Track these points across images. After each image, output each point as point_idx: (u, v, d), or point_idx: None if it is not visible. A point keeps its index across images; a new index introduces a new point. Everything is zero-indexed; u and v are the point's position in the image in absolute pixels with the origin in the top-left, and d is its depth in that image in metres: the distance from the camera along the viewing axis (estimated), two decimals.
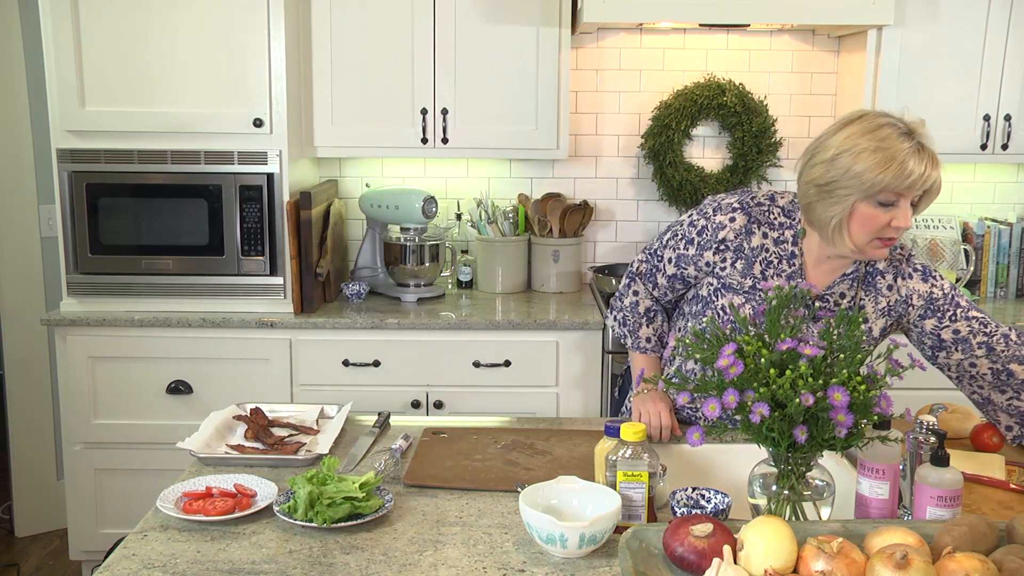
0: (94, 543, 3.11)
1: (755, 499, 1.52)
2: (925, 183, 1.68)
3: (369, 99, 3.20)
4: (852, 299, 1.86)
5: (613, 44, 3.52)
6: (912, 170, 1.66)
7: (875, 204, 1.70)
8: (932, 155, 1.69)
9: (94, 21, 2.91)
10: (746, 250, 1.85)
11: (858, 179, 1.68)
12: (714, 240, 1.87)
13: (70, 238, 3.01)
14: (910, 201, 1.71)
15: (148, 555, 1.46)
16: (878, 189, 1.68)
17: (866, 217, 1.71)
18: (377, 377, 3.04)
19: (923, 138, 1.70)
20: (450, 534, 1.54)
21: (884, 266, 1.88)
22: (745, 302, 1.86)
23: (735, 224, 1.85)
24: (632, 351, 2.11)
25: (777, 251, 1.86)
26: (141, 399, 3.04)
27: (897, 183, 1.66)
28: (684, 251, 1.93)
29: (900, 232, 1.72)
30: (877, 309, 1.88)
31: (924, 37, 3.18)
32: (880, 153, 1.67)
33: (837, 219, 1.74)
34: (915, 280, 1.89)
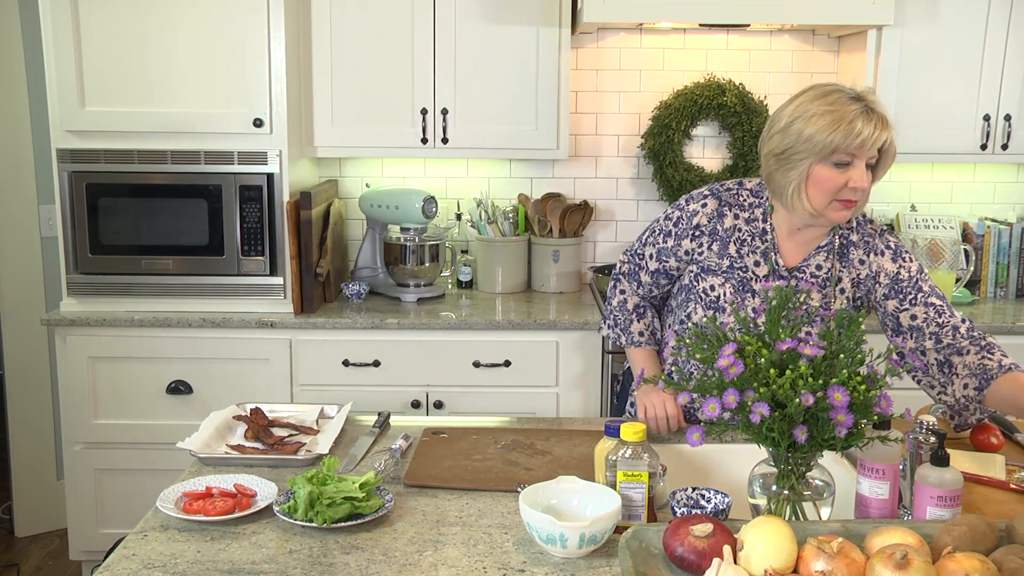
0: (94, 543, 3.11)
1: (755, 499, 1.52)
2: (876, 142, 1.77)
3: (369, 99, 3.20)
4: (828, 271, 1.93)
5: (613, 44, 3.52)
6: (861, 129, 1.75)
7: (830, 166, 1.79)
8: (882, 117, 1.78)
9: (94, 21, 2.91)
10: (720, 232, 1.94)
11: (810, 142, 1.78)
12: (689, 227, 1.96)
13: (70, 238, 3.01)
14: (865, 163, 1.79)
15: (148, 555, 1.46)
16: (830, 150, 1.77)
17: (822, 179, 1.80)
18: (377, 377, 3.04)
19: (873, 104, 1.79)
20: (450, 534, 1.54)
21: (856, 239, 1.95)
22: (724, 282, 1.94)
23: (707, 209, 1.95)
24: (628, 348, 2.14)
25: (749, 229, 1.94)
26: (141, 399, 3.04)
27: (848, 142, 1.75)
28: (663, 244, 2.01)
29: (858, 193, 1.80)
30: (851, 279, 1.95)
31: (924, 37, 3.18)
32: (829, 115, 1.76)
33: (795, 184, 1.83)
34: (885, 258, 1.95)
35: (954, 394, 1.89)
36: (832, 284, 1.94)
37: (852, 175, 1.79)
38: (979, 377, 1.86)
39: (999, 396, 1.83)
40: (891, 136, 1.80)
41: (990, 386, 1.84)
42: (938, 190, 3.60)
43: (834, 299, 1.94)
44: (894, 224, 3.53)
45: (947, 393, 1.91)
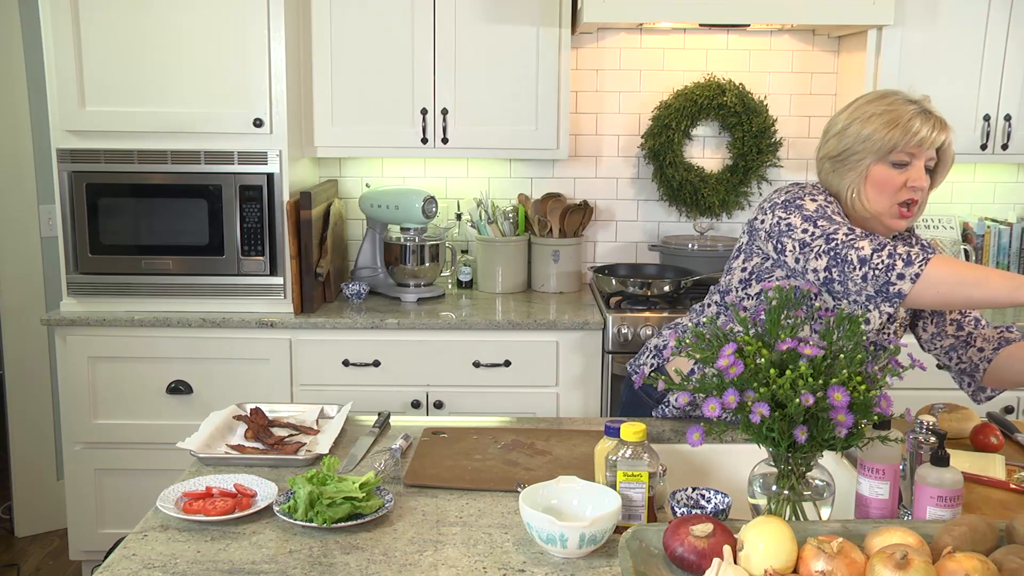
0: (94, 543, 3.11)
1: (755, 499, 1.52)
2: (935, 142, 1.80)
3: (369, 99, 3.20)
4: None
5: (613, 44, 3.52)
6: (919, 128, 1.77)
7: (889, 165, 1.80)
8: (940, 119, 1.83)
9: (94, 21, 2.91)
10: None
11: (869, 141, 1.79)
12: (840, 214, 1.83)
13: (70, 238, 3.01)
14: (924, 164, 1.81)
15: (148, 555, 1.46)
16: (888, 148, 1.78)
17: (881, 180, 1.80)
18: (377, 377, 3.04)
19: (930, 107, 1.83)
20: (450, 534, 1.54)
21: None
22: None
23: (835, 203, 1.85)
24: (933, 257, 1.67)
25: None
26: (141, 399, 3.04)
27: (906, 140, 1.77)
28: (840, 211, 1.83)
29: (917, 193, 1.81)
30: None
31: (924, 37, 3.18)
32: (888, 115, 1.79)
33: (854, 185, 1.83)
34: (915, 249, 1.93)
35: (971, 359, 1.95)
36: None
37: (911, 174, 1.80)
38: (996, 340, 1.92)
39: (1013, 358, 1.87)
40: (949, 138, 1.83)
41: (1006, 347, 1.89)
42: (938, 190, 3.59)
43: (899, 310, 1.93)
44: None
45: (963, 360, 1.96)
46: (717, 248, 3.41)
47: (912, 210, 1.84)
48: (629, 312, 3.05)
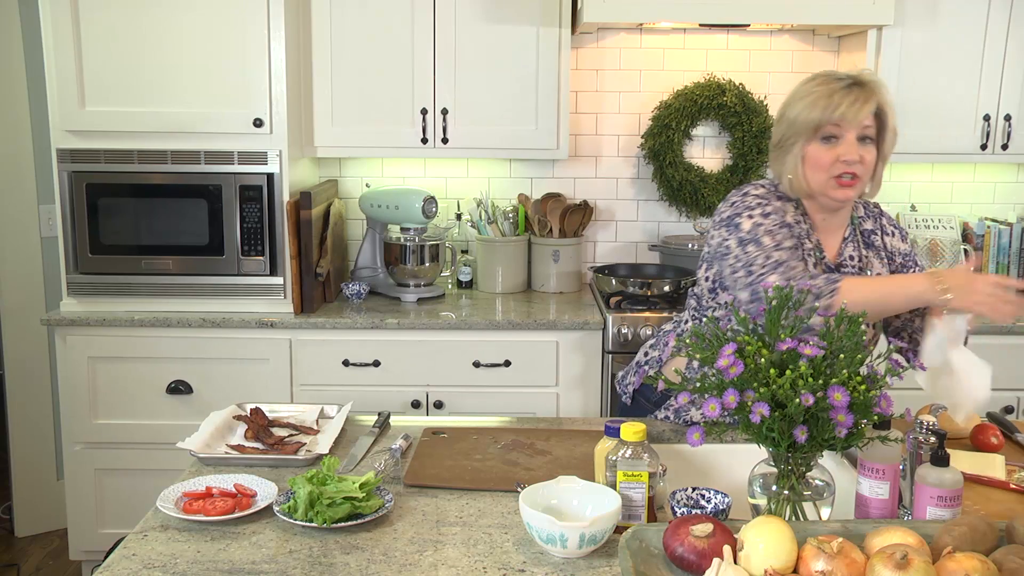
0: (94, 543, 3.11)
1: (755, 499, 1.52)
2: (857, 114, 1.83)
3: (369, 99, 3.20)
4: (861, 258, 1.98)
5: (613, 44, 3.52)
6: (839, 103, 1.82)
7: (820, 143, 1.87)
8: (867, 92, 1.85)
9: (94, 21, 2.91)
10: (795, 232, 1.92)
11: (796, 123, 1.88)
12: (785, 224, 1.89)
13: (70, 238, 3.01)
14: (856, 136, 1.85)
15: (148, 555, 1.46)
16: (813, 127, 1.85)
17: (814, 158, 1.87)
18: (377, 377, 3.04)
19: (863, 79, 1.87)
20: (450, 534, 1.54)
21: (871, 225, 2.04)
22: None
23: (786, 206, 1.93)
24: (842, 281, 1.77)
25: (800, 229, 1.94)
26: (141, 399, 3.04)
27: (827, 116, 1.83)
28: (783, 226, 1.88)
29: (853, 166, 1.85)
30: (882, 264, 2.02)
31: (924, 37, 3.18)
32: (810, 96, 1.86)
33: (794, 168, 1.90)
34: (896, 238, 2.05)
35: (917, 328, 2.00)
36: (867, 272, 1.98)
37: (840, 149, 1.85)
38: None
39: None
40: (882, 106, 1.87)
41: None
42: (938, 190, 3.60)
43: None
44: None
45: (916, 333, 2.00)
46: None
47: (854, 181, 1.87)
48: (629, 312, 3.05)
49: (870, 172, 1.90)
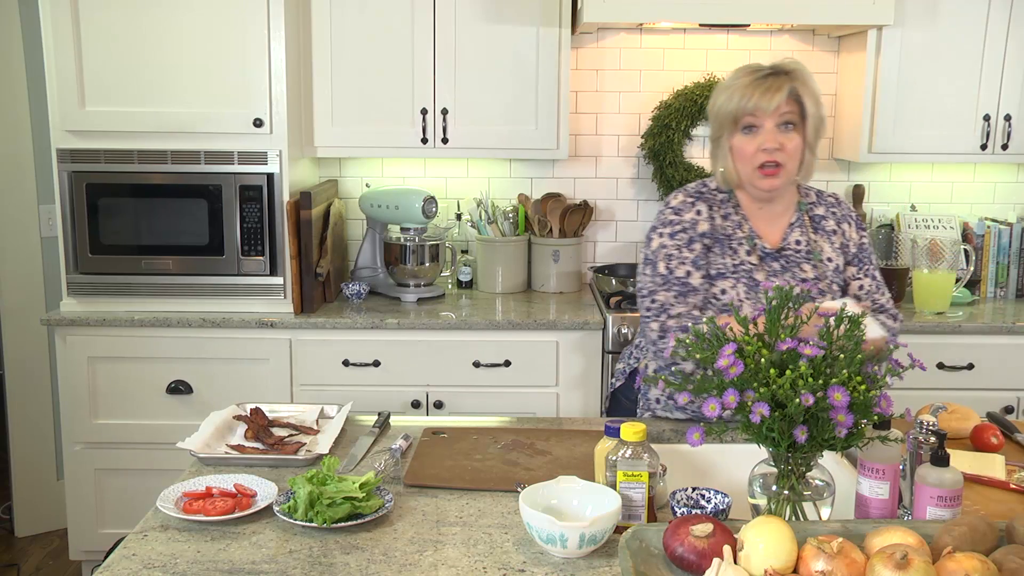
0: (94, 543, 3.11)
1: (755, 499, 1.52)
2: (770, 103, 1.88)
3: (369, 99, 3.20)
4: (808, 244, 2.01)
5: (613, 44, 3.52)
6: (750, 94, 1.89)
7: (742, 133, 1.94)
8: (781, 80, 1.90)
9: (94, 21, 2.91)
10: (717, 232, 2.02)
11: (717, 118, 1.97)
12: (697, 235, 2.00)
13: (70, 238, 3.01)
14: (776, 125, 1.91)
15: (148, 555, 1.46)
16: (731, 119, 1.93)
17: (738, 149, 1.94)
18: (377, 377, 3.04)
19: (782, 69, 1.92)
20: (450, 534, 1.54)
21: (823, 211, 2.07)
22: (735, 283, 1.97)
23: (702, 215, 2.02)
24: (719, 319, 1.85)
25: (730, 223, 2.03)
26: (141, 399, 3.04)
27: (740, 107, 1.90)
28: (691, 255, 1.99)
29: (773, 153, 1.91)
30: (834, 248, 2.05)
31: (924, 37, 3.18)
32: (727, 90, 1.95)
33: (724, 161, 1.98)
34: (852, 227, 2.08)
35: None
36: (816, 257, 2.02)
37: (759, 138, 1.92)
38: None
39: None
40: (798, 93, 1.91)
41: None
42: (938, 190, 3.60)
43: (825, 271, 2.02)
44: (894, 224, 3.53)
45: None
46: None
47: (778, 170, 1.92)
48: (629, 312, 3.05)
49: (795, 159, 1.95)
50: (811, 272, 2.00)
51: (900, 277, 3.28)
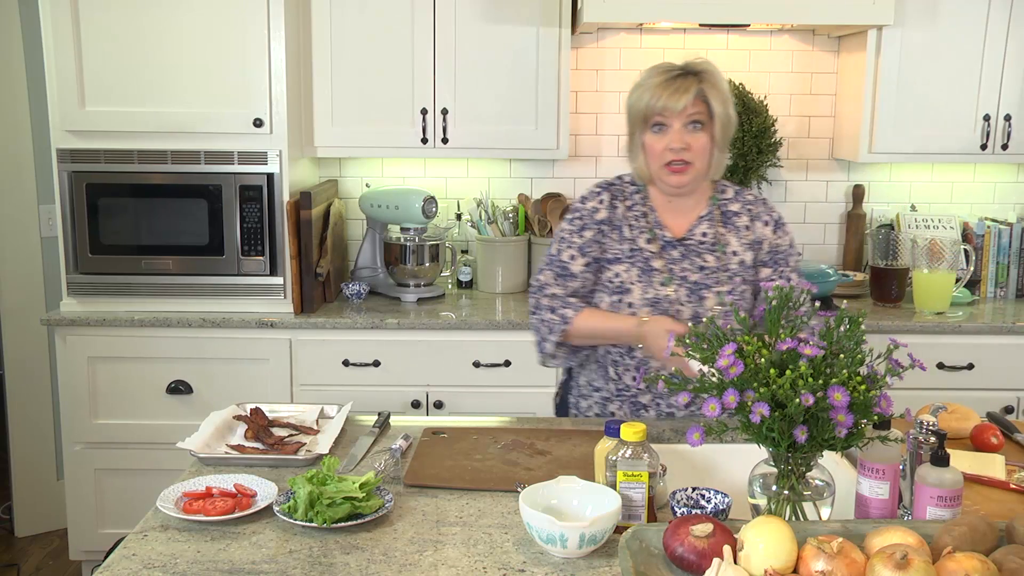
0: (94, 543, 3.11)
1: (755, 499, 1.52)
2: (677, 104, 1.94)
3: (369, 99, 3.20)
4: (715, 236, 2.07)
5: (613, 44, 3.52)
6: (660, 94, 1.95)
7: (652, 131, 2.00)
8: (694, 79, 1.95)
9: (94, 21, 2.91)
10: (616, 220, 2.09)
11: (630, 115, 2.03)
12: (594, 223, 2.09)
13: (70, 238, 3.01)
14: (683, 125, 1.96)
15: (148, 555, 1.46)
16: (641, 117, 1.99)
17: (648, 147, 2.01)
18: (377, 377, 3.04)
19: (693, 68, 1.98)
20: (450, 534, 1.54)
21: (738, 207, 2.11)
22: (629, 267, 2.05)
23: (603, 203, 2.10)
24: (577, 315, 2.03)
25: (634, 213, 2.09)
26: (141, 399, 3.04)
27: (649, 107, 1.96)
28: (581, 241, 2.09)
29: (680, 153, 1.96)
30: (742, 243, 2.08)
31: (924, 37, 3.18)
32: (638, 89, 2.01)
33: (638, 157, 2.04)
34: (768, 228, 2.10)
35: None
36: (720, 249, 2.06)
37: (667, 138, 1.97)
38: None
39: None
40: (705, 94, 1.95)
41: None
42: (938, 190, 3.60)
43: (728, 262, 2.06)
44: (894, 224, 3.53)
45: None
46: None
47: (685, 168, 1.99)
48: None
49: (704, 157, 2.00)
50: (713, 262, 2.05)
51: (900, 277, 3.28)
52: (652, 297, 2.01)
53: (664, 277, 2.03)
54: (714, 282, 2.03)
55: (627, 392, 2.11)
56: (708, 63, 2.01)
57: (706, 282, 2.03)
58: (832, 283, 3.20)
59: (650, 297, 2.01)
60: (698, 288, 2.03)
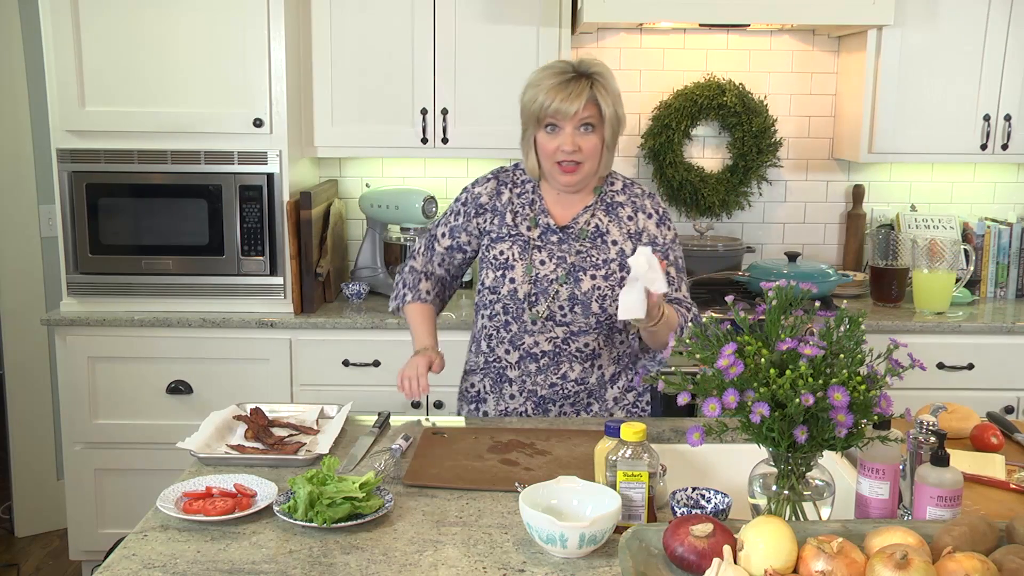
0: (94, 543, 3.11)
1: (755, 499, 1.52)
2: (569, 110, 1.98)
3: (369, 99, 3.20)
4: (598, 226, 2.12)
5: (613, 44, 3.52)
6: (552, 98, 1.99)
7: (544, 132, 2.04)
8: (586, 84, 2.00)
9: (94, 21, 2.91)
10: (499, 207, 2.16)
11: (524, 114, 2.08)
12: (476, 206, 2.18)
13: (70, 238, 3.01)
14: (574, 126, 2.01)
15: (148, 555, 1.46)
16: (535, 119, 2.04)
17: (541, 145, 2.06)
18: (377, 377, 3.04)
19: (586, 70, 2.02)
20: (450, 534, 1.54)
21: (624, 199, 2.15)
22: (511, 245, 2.12)
23: (488, 189, 2.18)
24: (411, 304, 2.25)
25: (521, 201, 2.16)
26: (141, 399, 3.04)
27: (542, 111, 2.00)
28: (455, 223, 2.21)
29: (569, 155, 2.01)
30: (623, 232, 2.12)
31: (924, 37, 3.18)
32: (532, 89, 2.04)
33: (528, 152, 2.10)
34: (651, 221, 2.14)
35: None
36: (595, 236, 2.11)
37: (559, 140, 2.02)
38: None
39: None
40: (597, 99, 2.00)
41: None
42: (938, 190, 3.60)
43: (607, 251, 2.10)
44: (894, 224, 3.53)
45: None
46: (717, 248, 3.41)
47: (576, 167, 2.04)
48: None
49: (594, 158, 2.06)
50: (589, 247, 2.11)
51: (900, 277, 3.28)
52: (533, 275, 2.09)
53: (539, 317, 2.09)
54: (590, 265, 2.09)
55: (498, 364, 2.17)
56: (600, 64, 2.06)
57: (583, 265, 2.08)
58: (832, 283, 3.20)
59: (531, 275, 2.09)
60: (575, 270, 2.09)
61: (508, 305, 2.12)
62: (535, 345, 2.12)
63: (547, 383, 2.14)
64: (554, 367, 2.13)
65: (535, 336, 2.11)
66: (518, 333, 2.12)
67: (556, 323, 2.10)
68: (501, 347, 2.16)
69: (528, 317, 2.10)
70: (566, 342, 2.11)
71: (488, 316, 2.17)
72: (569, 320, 2.09)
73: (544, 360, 2.12)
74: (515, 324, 2.12)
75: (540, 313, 2.09)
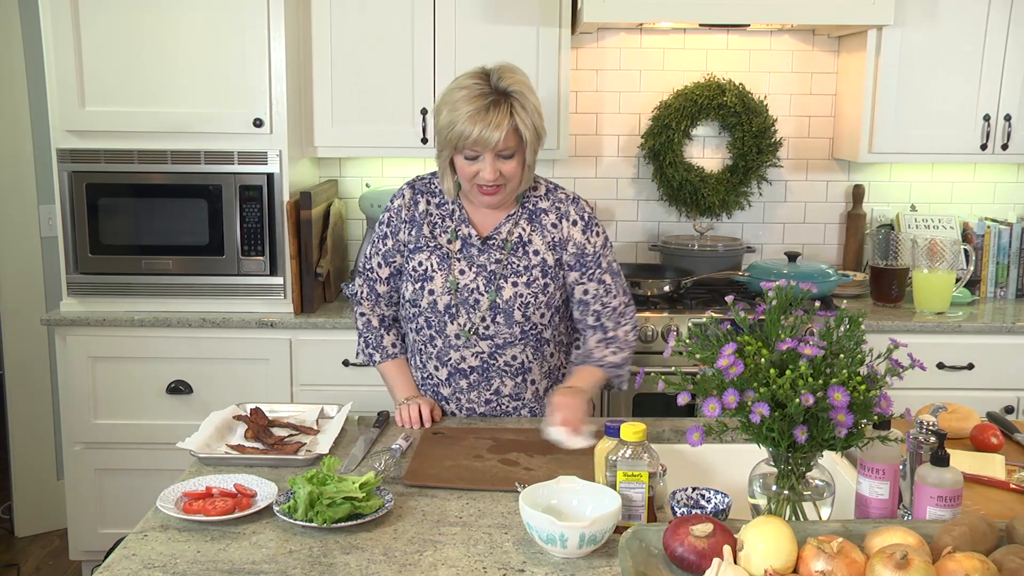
0: (94, 543, 3.11)
1: (755, 499, 1.52)
2: (490, 141, 1.90)
3: (369, 99, 3.20)
4: (519, 235, 2.08)
5: (613, 44, 3.52)
6: (471, 129, 1.90)
7: (463, 157, 1.97)
8: (506, 112, 1.92)
9: (94, 21, 2.91)
10: (416, 217, 2.10)
11: (440, 134, 1.97)
12: (399, 221, 2.12)
13: (70, 238, 3.01)
14: (495, 155, 1.94)
15: (148, 555, 1.46)
16: (451, 145, 1.95)
17: (460, 168, 2.00)
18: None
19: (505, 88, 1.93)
20: (450, 534, 1.54)
21: (547, 205, 2.11)
22: (430, 255, 2.08)
23: (405, 199, 2.12)
24: (382, 364, 2.23)
25: (440, 212, 2.11)
26: (141, 399, 3.04)
27: (461, 142, 1.92)
28: (386, 247, 2.14)
29: (488, 182, 1.96)
30: (545, 242, 2.09)
31: (924, 37, 3.18)
32: (451, 113, 1.93)
33: (444, 171, 2.04)
34: (576, 228, 2.10)
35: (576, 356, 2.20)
36: (517, 247, 2.08)
37: (478, 168, 1.96)
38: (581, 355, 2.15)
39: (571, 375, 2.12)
40: (518, 127, 1.92)
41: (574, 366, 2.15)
42: (938, 190, 3.60)
43: (529, 261, 2.07)
44: (894, 224, 3.53)
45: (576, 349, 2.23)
46: (717, 248, 3.41)
47: (497, 189, 2.00)
48: None
49: (515, 178, 2.01)
50: (510, 256, 2.08)
51: (900, 277, 3.28)
52: (452, 285, 2.05)
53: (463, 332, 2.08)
54: (511, 273, 2.06)
55: (431, 381, 2.16)
56: (515, 78, 1.97)
57: (503, 272, 2.06)
58: (832, 283, 3.20)
59: (450, 285, 2.05)
60: (495, 278, 2.06)
61: (430, 318, 2.09)
62: (462, 360, 2.10)
63: (482, 400, 2.12)
64: (485, 383, 2.11)
65: (460, 351, 2.09)
66: (443, 348, 2.10)
67: (480, 337, 2.07)
68: (430, 363, 2.14)
69: (451, 331, 2.07)
70: (493, 356, 2.09)
71: (414, 330, 2.15)
72: (493, 333, 2.07)
73: (474, 376, 2.10)
74: (439, 339, 2.10)
75: (464, 327, 2.06)
